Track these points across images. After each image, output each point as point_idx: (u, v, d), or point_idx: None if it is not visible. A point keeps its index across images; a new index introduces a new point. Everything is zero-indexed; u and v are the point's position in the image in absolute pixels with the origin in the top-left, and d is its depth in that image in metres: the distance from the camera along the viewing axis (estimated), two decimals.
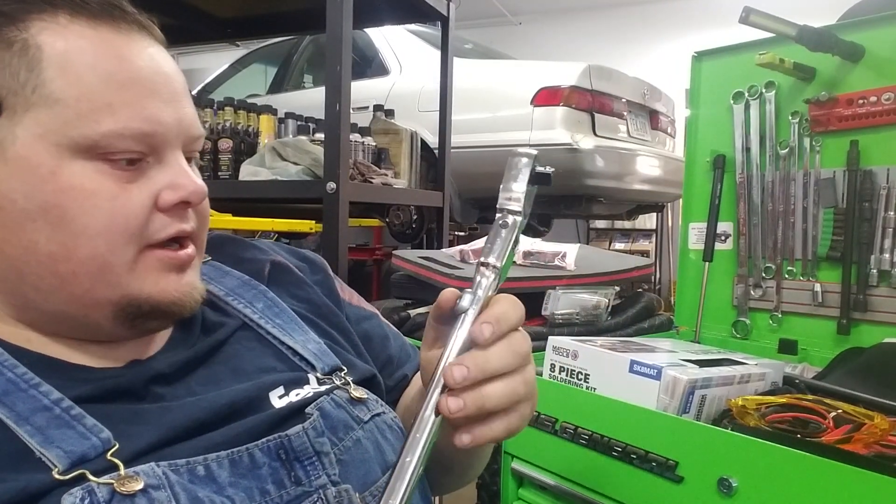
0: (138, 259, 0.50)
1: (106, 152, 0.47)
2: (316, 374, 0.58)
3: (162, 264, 0.51)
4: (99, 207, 0.47)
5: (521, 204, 0.49)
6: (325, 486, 0.50)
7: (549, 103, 3.18)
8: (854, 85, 1.26)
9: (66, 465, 0.43)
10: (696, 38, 2.95)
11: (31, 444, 0.43)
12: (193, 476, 0.46)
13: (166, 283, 0.51)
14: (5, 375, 0.46)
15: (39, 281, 0.48)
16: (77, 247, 0.47)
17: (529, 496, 1.08)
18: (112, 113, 0.47)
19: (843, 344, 1.25)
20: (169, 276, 0.51)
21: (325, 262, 0.74)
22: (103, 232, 0.48)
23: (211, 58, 6.28)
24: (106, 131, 0.47)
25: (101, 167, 0.48)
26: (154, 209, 0.50)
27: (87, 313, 0.50)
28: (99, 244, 0.48)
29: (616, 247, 5.58)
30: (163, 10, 2.34)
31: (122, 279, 0.49)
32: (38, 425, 0.44)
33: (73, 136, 0.47)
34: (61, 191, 0.47)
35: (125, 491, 0.42)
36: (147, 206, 0.49)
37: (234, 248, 0.69)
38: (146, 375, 0.51)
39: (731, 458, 0.78)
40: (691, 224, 1.52)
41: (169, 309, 0.51)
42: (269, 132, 2.13)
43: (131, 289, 0.49)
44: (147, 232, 0.50)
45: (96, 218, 0.47)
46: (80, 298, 0.49)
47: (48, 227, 0.47)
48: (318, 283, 0.70)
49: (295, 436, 0.50)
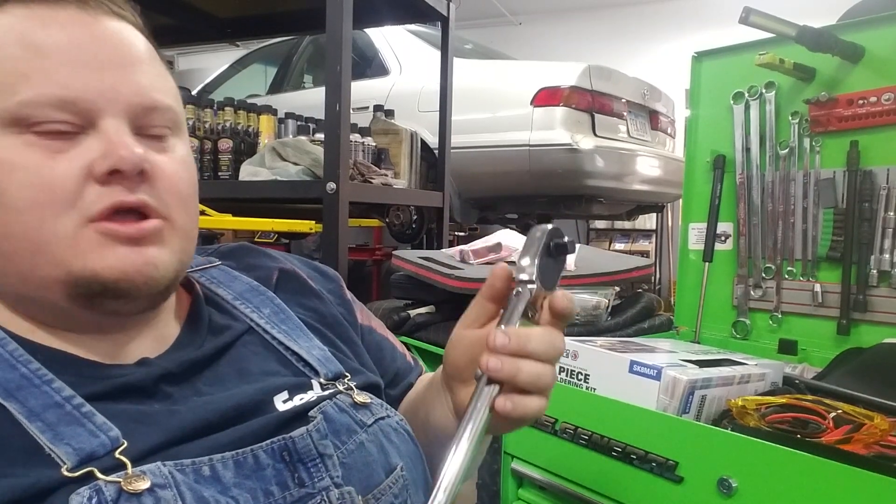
0: (79, 234, 0.47)
1: (31, 123, 0.46)
2: (320, 379, 0.58)
3: (105, 238, 0.48)
4: (25, 181, 0.46)
5: (531, 274, 0.50)
6: (329, 488, 0.50)
7: (549, 103, 3.18)
8: (854, 85, 1.26)
9: (74, 462, 0.43)
10: (696, 39, 2.96)
11: (41, 441, 0.43)
12: (199, 476, 0.46)
13: (113, 258, 0.48)
14: (19, 371, 0.46)
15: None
16: (10, 223, 0.46)
17: (529, 496, 1.08)
18: (27, 81, 0.46)
19: (843, 344, 1.25)
20: (116, 249, 0.48)
21: (341, 277, 0.75)
22: (31, 206, 0.46)
23: (211, 58, 6.28)
24: (22, 100, 0.46)
25: (30, 139, 0.46)
26: (89, 180, 0.47)
27: (42, 294, 0.49)
28: (29, 219, 0.46)
29: (616, 247, 5.57)
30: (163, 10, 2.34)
31: (64, 255, 0.47)
32: (49, 422, 0.44)
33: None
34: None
35: (132, 490, 0.42)
36: (76, 176, 0.47)
37: (245, 255, 0.69)
38: (155, 374, 0.52)
39: (731, 458, 0.78)
40: (691, 224, 1.52)
41: (117, 286, 0.48)
42: (269, 132, 2.13)
43: (74, 265, 0.47)
44: (82, 204, 0.47)
45: (21, 192, 0.46)
46: (29, 278, 0.48)
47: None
48: (330, 291, 0.70)
49: (299, 438, 0.51)
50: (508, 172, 3.25)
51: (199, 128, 2.06)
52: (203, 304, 0.60)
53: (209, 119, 2.09)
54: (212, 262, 0.66)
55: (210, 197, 1.98)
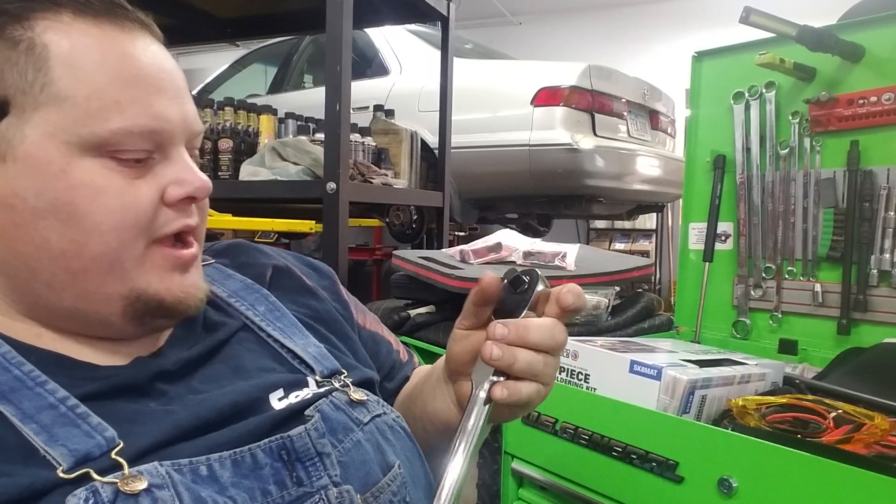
0: (146, 254, 0.51)
1: (115, 150, 0.48)
2: (315, 377, 0.58)
3: (167, 262, 0.52)
4: (109, 204, 0.48)
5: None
6: (327, 487, 0.50)
7: (549, 103, 3.18)
8: (854, 85, 1.26)
9: (70, 463, 0.43)
10: (696, 38, 2.96)
11: (36, 443, 0.43)
12: (196, 476, 0.46)
13: (171, 282, 0.52)
14: (12, 373, 0.46)
15: (52, 278, 0.49)
16: (88, 243, 0.48)
17: (529, 496, 1.08)
18: (121, 111, 0.48)
19: (844, 344, 1.25)
20: (173, 275, 0.52)
21: (335, 273, 0.76)
22: (114, 228, 0.49)
23: (211, 58, 6.28)
24: (115, 129, 0.48)
25: (110, 164, 0.48)
26: (160, 204, 0.51)
27: (99, 309, 0.50)
28: (110, 240, 0.49)
29: (616, 247, 5.57)
30: (163, 10, 2.34)
31: (132, 273, 0.50)
32: (43, 423, 0.44)
33: (83, 133, 0.47)
34: (72, 188, 0.47)
35: (129, 490, 0.42)
36: (155, 200, 0.50)
37: (239, 253, 0.70)
38: (151, 372, 0.52)
39: (732, 458, 0.78)
40: (691, 224, 1.52)
41: (174, 307, 0.52)
42: (270, 132, 2.13)
43: (139, 283, 0.50)
44: (154, 226, 0.51)
45: (107, 214, 0.48)
46: (92, 294, 0.50)
47: (59, 225, 0.48)
48: (325, 288, 0.71)
49: (297, 437, 0.51)
50: (508, 172, 3.25)
51: None
52: None
53: (209, 119, 2.09)
54: (206, 260, 0.66)
55: (210, 197, 1.98)
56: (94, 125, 0.47)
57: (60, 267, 0.48)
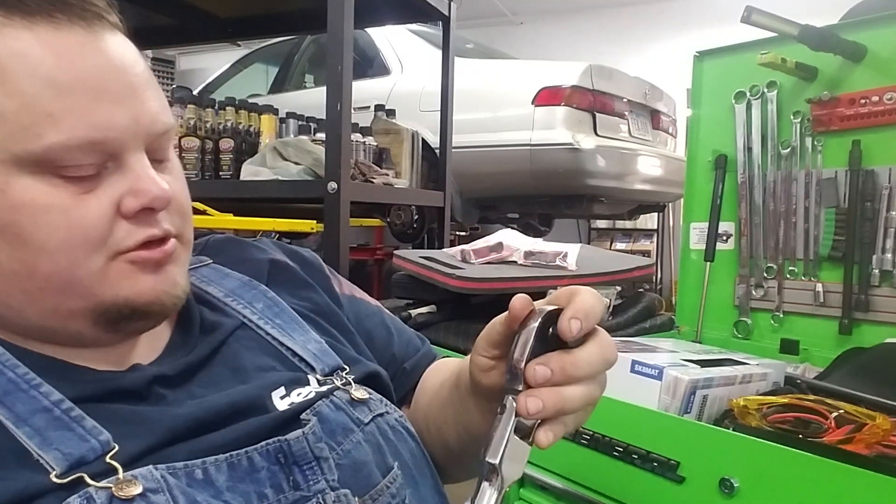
0: (109, 267, 0.47)
1: (56, 166, 0.44)
2: (316, 375, 0.58)
3: (136, 267, 0.48)
4: (53, 222, 0.45)
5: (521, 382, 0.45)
6: (324, 491, 0.49)
7: (551, 103, 3.18)
8: (856, 85, 1.26)
9: (63, 468, 0.42)
10: (697, 38, 2.95)
11: (29, 446, 0.43)
12: (191, 480, 0.45)
13: (143, 284, 0.49)
14: (6, 375, 0.45)
15: (10, 298, 0.47)
16: (38, 264, 0.45)
17: (531, 496, 1.08)
18: (54, 123, 0.43)
19: (845, 344, 1.25)
20: (144, 277, 0.49)
21: (320, 258, 0.74)
22: (63, 247, 0.45)
23: (212, 58, 6.28)
24: (50, 144, 0.43)
25: (54, 180, 0.45)
26: (117, 216, 0.47)
27: (66, 324, 0.48)
28: (59, 259, 0.45)
29: (617, 247, 5.57)
30: (164, 10, 2.34)
31: (94, 289, 0.47)
32: (37, 427, 0.43)
33: (16, 151, 0.43)
34: (13, 208, 0.44)
35: (123, 496, 0.42)
36: (107, 215, 0.47)
37: (234, 249, 0.69)
38: (148, 376, 0.51)
39: (733, 458, 0.78)
40: (693, 224, 1.52)
41: (149, 309, 0.50)
42: (271, 132, 2.13)
43: (105, 297, 0.48)
44: (113, 241, 0.47)
45: (51, 233, 0.45)
46: (54, 312, 0.47)
47: (7, 246, 0.45)
48: (313, 277, 0.69)
49: (294, 440, 0.50)
50: (510, 172, 3.25)
51: (200, 127, 2.06)
52: (193, 304, 0.59)
53: (210, 119, 2.09)
54: (202, 260, 0.65)
55: (211, 197, 1.98)
56: (27, 142, 0.43)
57: (15, 288, 0.46)
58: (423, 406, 0.69)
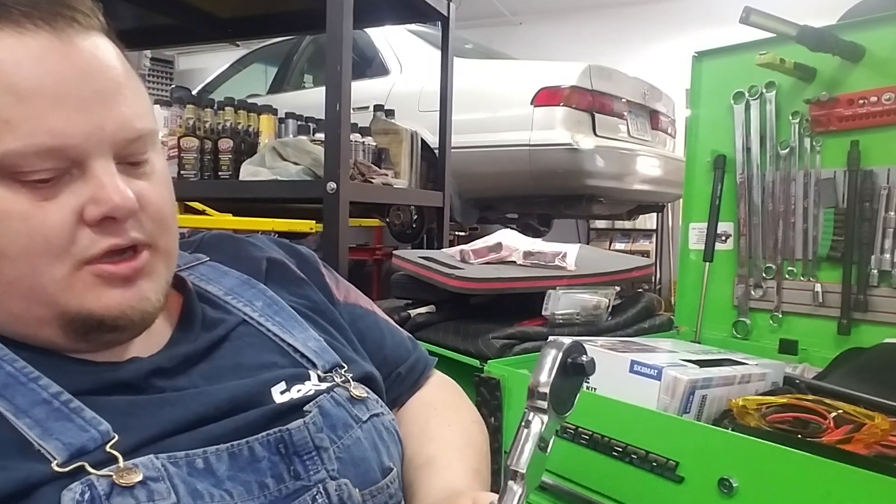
0: (74, 276, 0.47)
1: (15, 172, 0.44)
2: (317, 371, 0.58)
3: (100, 279, 0.48)
4: (13, 228, 0.45)
5: (545, 401, 0.49)
6: (325, 481, 0.50)
7: (550, 103, 3.18)
8: (854, 85, 1.26)
9: (64, 457, 0.43)
10: (696, 38, 2.95)
11: (30, 437, 0.43)
12: (192, 469, 0.46)
13: (109, 298, 0.48)
14: (5, 369, 0.46)
15: None
16: (1, 269, 0.46)
17: (530, 496, 1.08)
18: (11, 130, 0.43)
19: (844, 344, 1.25)
20: (111, 291, 0.48)
21: (316, 255, 0.74)
22: (23, 254, 0.45)
23: (211, 58, 6.28)
24: (6, 151, 0.43)
25: (13, 186, 0.45)
26: (81, 224, 0.47)
27: (36, 332, 0.48)
28: (21, 266, 0.45)
29: (616, 247, 5.57)
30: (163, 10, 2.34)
31: (57, 298, 0.47)
32: (37, 418, 0.44)
33: None
34: None
35: (124, 483, 0.42)
36: (68, 222, 0.46)
37: (231, 247, 0.69)
38: (146, 369, 0.51)
39: (732, 458, 0.78)
40: (691, 224, 1.52)
41: (116, 323, 0.49)
42: (270, 132, 2.13)
43: (70, 306, 0.47)
44: (76, 249, 0.47)
45: (13, 240, 0.45)
46: (23, 318, 0.48)
47: None
48: (309, 275, 0.70)
49: (296, 430, 0.51)
50: (509, 172, 3.25)
51: (199, 127, 2.06)
52: (196, 301, 0.59)
53: (209, 119, 2.09)
54: (199, 258, 0.66)
55: (210, 197, 1.98)
56: None
57: None
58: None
